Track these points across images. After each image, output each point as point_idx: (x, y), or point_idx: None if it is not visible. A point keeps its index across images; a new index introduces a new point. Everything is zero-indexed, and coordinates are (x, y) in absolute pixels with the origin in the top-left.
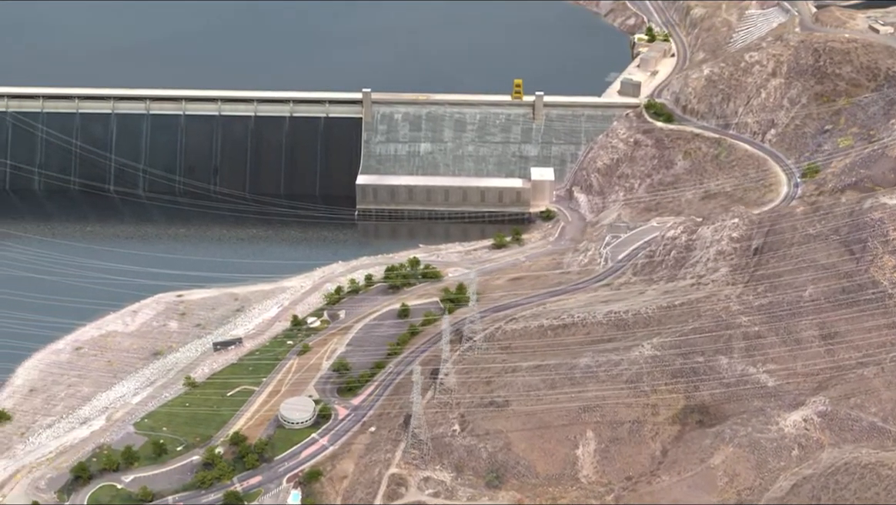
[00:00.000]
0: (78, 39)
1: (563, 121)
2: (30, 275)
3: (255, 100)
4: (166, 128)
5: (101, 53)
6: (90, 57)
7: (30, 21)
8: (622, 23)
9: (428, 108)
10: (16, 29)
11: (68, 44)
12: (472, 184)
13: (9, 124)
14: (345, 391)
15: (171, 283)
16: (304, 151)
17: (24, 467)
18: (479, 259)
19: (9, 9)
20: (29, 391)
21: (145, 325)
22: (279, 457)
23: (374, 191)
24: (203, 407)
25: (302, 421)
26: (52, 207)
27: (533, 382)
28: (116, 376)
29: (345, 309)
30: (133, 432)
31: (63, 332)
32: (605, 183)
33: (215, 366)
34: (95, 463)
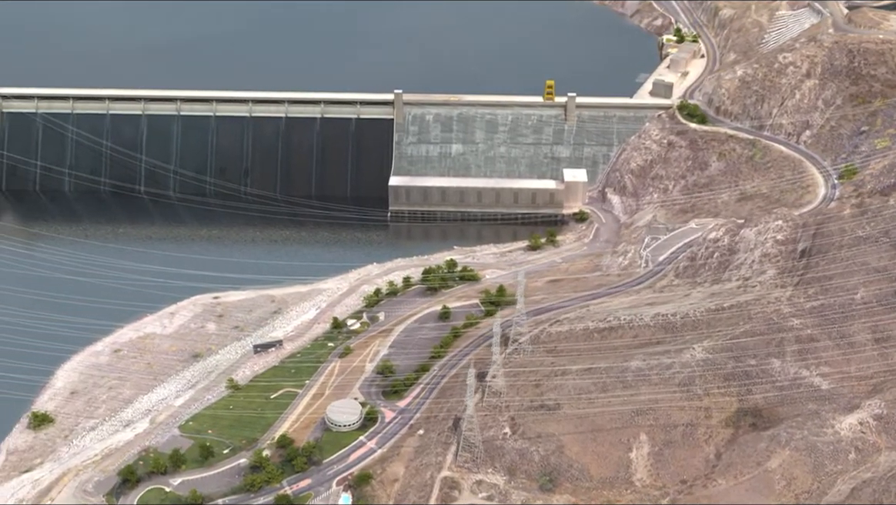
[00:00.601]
0: (108, 40)
1: (595, 122)
2: (65, 276)
3: (286, 101)
4: (197, 129)
5: (131, 54)
6: (120, 58)
7: (59, 22)
8: (649, 23)
9: (459, 109)
10: (45, 30)
11: (98, 45)
12: (505, 185)
13: (39, 125)
14: (390, 394)
15: (207, 284)
16: (335, 153)
17: (70, 470)
18: (515, 261)
19: (39, 10)
20: (70, 393)
21: (183, 327)
22: (328, 460)
23: (406, 192)
24: (247, 410)
25: (349, 424)
26: (83, 209)
27: (584, 385)
28: (157, 379)
29: (384, 311)
30: (178, 435)
31: (101, 334)
32: (639, 184)
33: (256, 368)
34: (142, 466)
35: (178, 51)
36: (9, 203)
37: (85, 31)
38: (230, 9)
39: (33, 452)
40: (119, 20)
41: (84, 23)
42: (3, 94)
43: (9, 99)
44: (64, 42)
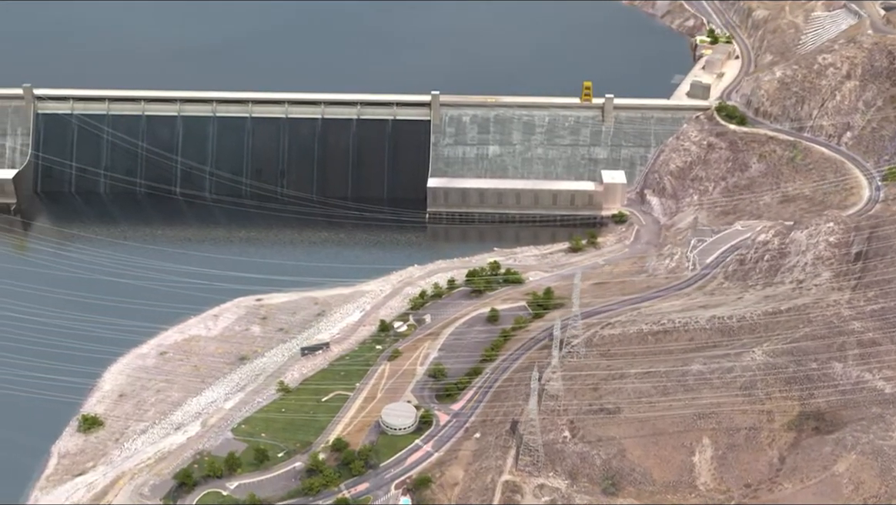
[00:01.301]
0: (143, 41)
1: (633, 123)
2: (105, 278)
3: (322, 102)
4: (233, 130)
5: (166, 55)
6: (155, 59)
7: (94, 23)
8: (680, 24)
9: (496, 110)
10: (81, 31)
11: (133, 46)
12: (543, 187)
13: (74, 126)
14: (443, 397)
15: (249, 286)
16: (371, 154)
17: (124, 474)
18: (557, 263)
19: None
20: (118, 396)
21: (228, 329)
22: (384, 463)
23: (445, 194)
24: (299, 413)
25: (404, 427)
26: (119, 210)
27: (643, 388)
28: (205, 381)
29: (429, 313)
30: (231, 438)
31: (146, 336)
32: (679, 186)
33: (305, 371)
34: (197, 469)
35: (214, 52)
36: (45, 205)
37: (120, 32)
38: (265, 9)
39: (84, 455)
40: (154, 21)
41: (119, 24)
42: (38, 96)
43: (44, 100)
44: (99, 43)
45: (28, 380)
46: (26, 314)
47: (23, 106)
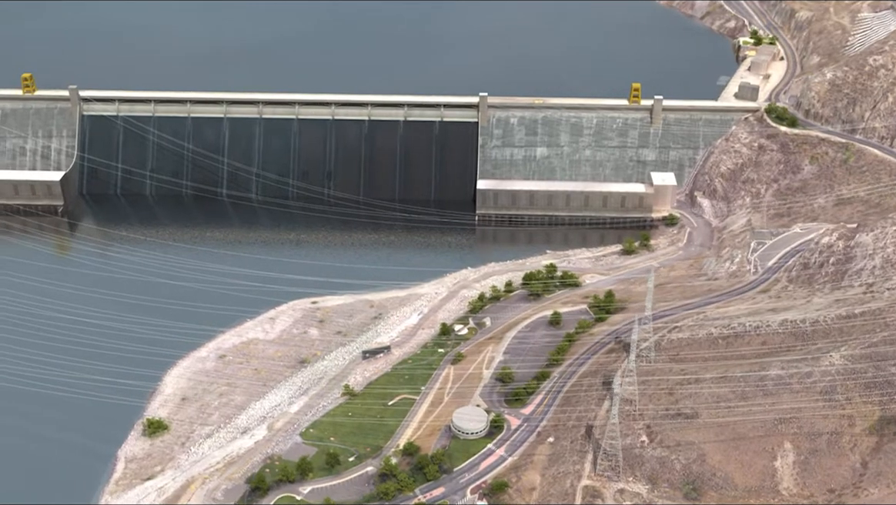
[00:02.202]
0: (187, 42)
1: (681, 125)
2: (159, 280)
3: (369, 104)
4: (279, 132)
5: (211, 57)
6: (201, 60)
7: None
8: (721, 25)
9: (544, 112)
10: (126, 33)
11: (178, 47)
12: (594, 189)
13: (120, 128)
14: (512, 401)
15: (302, 289)
16: (418, 156)
17: (194, 478)
18: (612, 265)
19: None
20: (181, 400)
21: (285, 332)
22: (458, 468)
23: (494, 196)
24: (366, 417)
25: (476, 431)
26: (166, 212)
27: (721, 392)
28: (266, 385)
29: (489, 316)
30: (301, 443)
31: (204, 339)
32: (730, 188)
33: (367, 374)
34: (269, 474)
35: (258, 53)
36: (91, 206)
37: (165, 33)
38: (309, 9)
39: (152, 459)
40: (199, 22)
41: (164, 25)
42: (84, 98)
43: (90, 102)
44: (144, 45)
45: (89, 383)
46: (82, 316)
47: (68, 108)
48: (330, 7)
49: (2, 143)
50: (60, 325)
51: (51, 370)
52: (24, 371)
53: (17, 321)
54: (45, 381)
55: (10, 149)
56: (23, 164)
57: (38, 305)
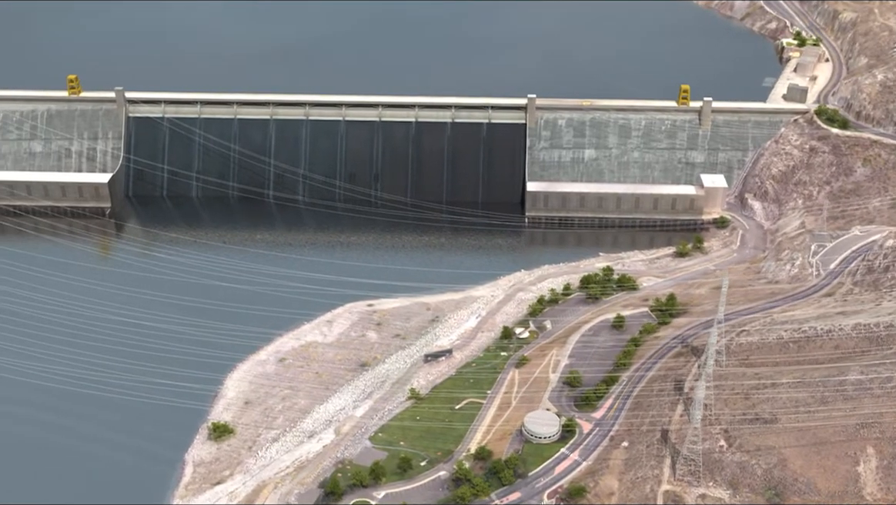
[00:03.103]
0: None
1: (730, 126)
2: (214, 282)
3: (417, 105)
4: (326, 134)
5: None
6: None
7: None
8: (762, 27)
9: (592, 113)
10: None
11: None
12: (644, 191)
13: (166, 130)
14: (582, 405)
15: (357, 291)
16: (465, 157)
17: (265, 483)
18: (667, 268)
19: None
20: (244, 403)
21: (343, 335)
22: (532, 472)
23: (545, 198)
24: (434, 421)
25: (549, 436)
26: (214, 214)
27: (800, 397)
28: (329, 388)
29: (549, 319)
30: (371, 447)
31: (262, 342)
32: (781, 190)
33: (431, 378)
34: (341, 478)
35: (304, 53)
36: (137, 208)
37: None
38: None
39: (220, 463)
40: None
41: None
42: (129, 99)
43: (136, 104)
44: (189, 46)
45: (150, 386)
46: (138, 319)
47: (114, 109)
48: (372, 7)
49: (47, 144)
50: (117, 327)
51: (111, 373)
52: (83, 374)
53: (73, 324)
54: (105, 384)
55: (55, 150)
56: (68, 165)
57: (94, 308)
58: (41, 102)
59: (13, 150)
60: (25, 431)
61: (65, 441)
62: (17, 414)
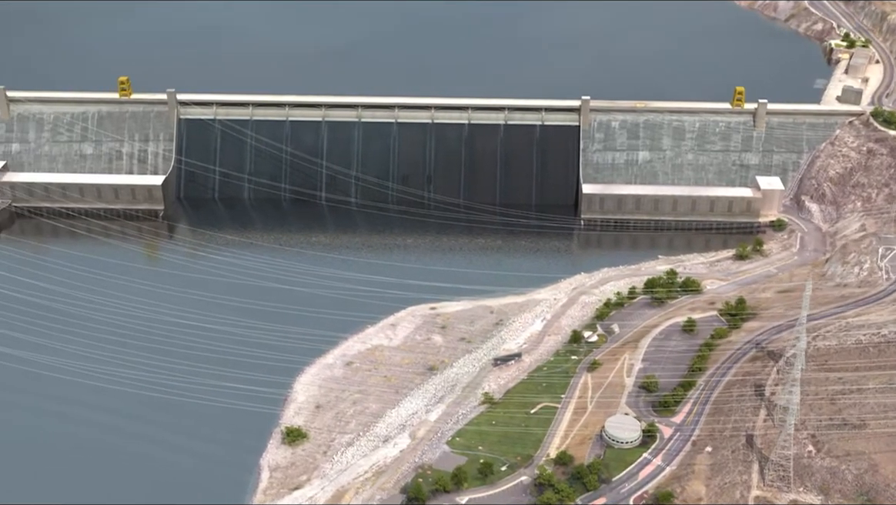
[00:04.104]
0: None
1: (784, 129)
2: (273, 285)
3: (469, 107)
4: (378, 136)
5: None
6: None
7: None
8: (808, 28)
9: (646, 115)
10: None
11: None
12: (701, 193)
13: (217, 132)
14: (661, 409)
15: (418, 294)
16: (519, 159)
17: (345, 488)
18: (729, 271)
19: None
20: (315, 407)
21: (409, 338)
22: (616, 477)
23: (600, 200)
24: (510, 425)
25: (631, 440)
26: (266, 216)
27: (889, 402)
28: (399, 392)
29: (616, 323)
30: (449, 452)
31: (328, 345)
32: (839, 192)
33: (501, 382)
34: (422, 483)
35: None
36: (190, 211)
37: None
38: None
39: (296, 468)
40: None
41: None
42: (181, 101)
43: (187, 105)
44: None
45: (218, 390)
46: (200, 322)
47: (165, 111)
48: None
49: (98, 146)
50: (179, 330)
51: (177, 376)
52: (149, 378)
53: (135, 326)
54: (172, 388)
55: (106, 152)
56: (119, 167)
57: (155, 311)
58: (92, 104)
59: (64, 151)
60: (98, 437)
61: (136, 446)
62: (87, 418)
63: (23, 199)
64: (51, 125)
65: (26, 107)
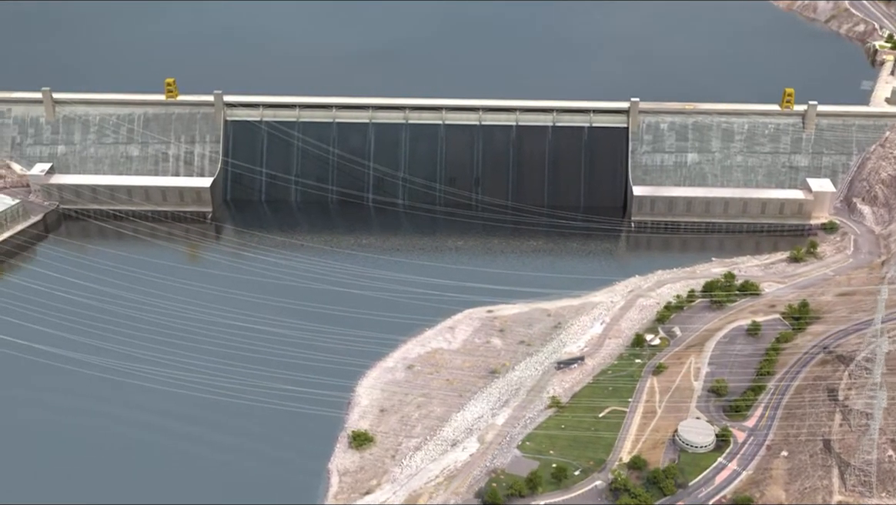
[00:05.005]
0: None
1: (834, 130)
2: (329, 287)
3: (517, 109)
4: (425, 137)
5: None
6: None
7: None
8: (849, 29)
9: (694, 117)
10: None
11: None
12: (752, 195)
13: (264, 133)
14: (732, 413)
15: (473, 296)
16: (567, 161)
17: (417, 492)
18: (785, 273)
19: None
20: (379, 411)
21: (468, 341)
22: (692, 482)
23: (651, 202)
24: (580, 429)
25: (705, 445)
26: (314, 218)
27: None
28: (462, 396)
29: (677, 326)
30: (521, 456)
31: (387, 348)
32: (891, 194)
33: (566, 385)
34: (496, 488)
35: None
36: (237, 213)
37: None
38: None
39: (365, 473)
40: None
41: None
42: (227, 103)
43: (233, 107)
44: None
45: (280, 393)
46: (256, 324)
47: (211, 113)
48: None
49: (144, 148)
50: (237, 332)
51: (238, 379)
52: (209, 381)
53: (193, 329)
54: (234, 391)
55: (152, 154)
56: (165, 169)
57: (211, 313)
58: (138, 106)
59: (110, 153)
60: (165, 441)
61: (202, 450)
62: (151, 423)
63: (70, 201)
64: (96, 127)
65: (72, 108)
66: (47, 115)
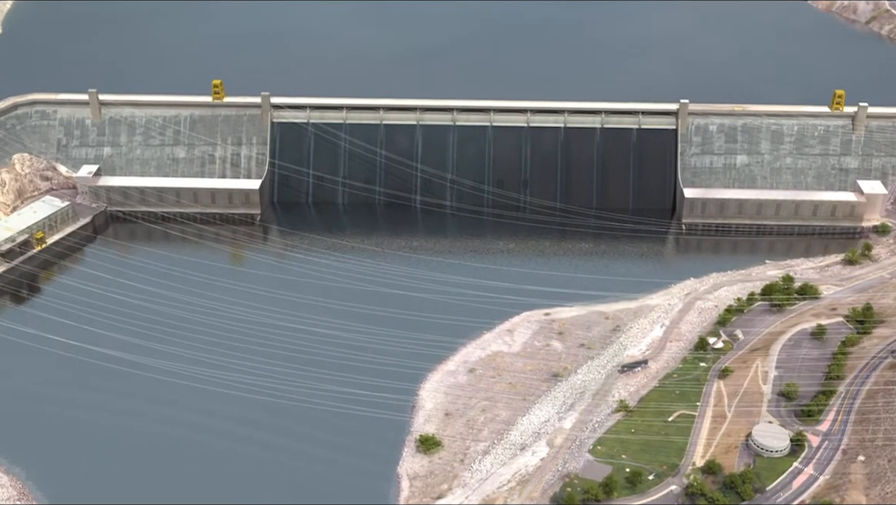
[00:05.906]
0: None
1: (884, 132)
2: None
3: (565, 111)
4: (473, 139)
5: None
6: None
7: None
8: (891, 30)
9: (743, 119)
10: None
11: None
12: (804, 197)
13: (311, 135)
14: (805, 417)
15: (528, 299)
16: (616, 163)
17: (492, 497)
18: (840, 276)
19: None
20: (444, 415)
21: (528, 344)
22: (770, 487)
23: (702, 204)
24: (650, 433)
25: (780, 449)
26: (362, 220)
27: None
28: (526, 399)
29: (738, 329)
30: (593, 460)
31: (448, 351)
32: None
33: (631, 389)
34: (571, 493)
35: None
36: (285, 215)
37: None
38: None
39: (435, 477)
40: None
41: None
42: (274, 104)
43: (280, 109)
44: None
45: (344, 396)
46: (313, 326)
47: (257, 115)
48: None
49: (191, 150)
50: (294, 335)
51: (300, 382)
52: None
53: (251, 331)
54: (296, 394)
55: (198, 156)
56: (211, 171)
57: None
58: (184, 108)
59: (156, 155)
60: (231, 446)
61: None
62: (215, 427)
63: (118, 203)
64: (143, 129)
65: (118, 110)
66: (93, 117)
